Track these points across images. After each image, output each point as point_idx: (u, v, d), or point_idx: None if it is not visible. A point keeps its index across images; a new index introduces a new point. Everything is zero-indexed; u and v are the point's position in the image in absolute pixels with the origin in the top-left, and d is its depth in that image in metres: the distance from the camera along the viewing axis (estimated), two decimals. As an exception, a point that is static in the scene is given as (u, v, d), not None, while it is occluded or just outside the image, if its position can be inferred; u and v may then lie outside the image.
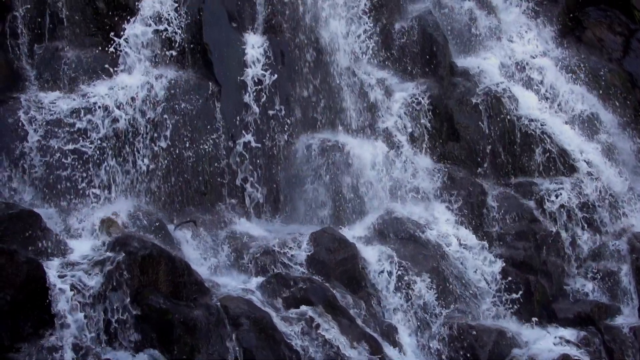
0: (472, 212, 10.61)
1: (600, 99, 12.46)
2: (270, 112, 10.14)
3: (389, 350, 8.51)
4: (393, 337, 8.72)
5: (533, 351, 9.14)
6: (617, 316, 10.13)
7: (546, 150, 11.45)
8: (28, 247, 7.41)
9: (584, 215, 11.04)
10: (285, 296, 8.33)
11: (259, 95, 10.08)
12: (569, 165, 11.44)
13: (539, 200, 11.04)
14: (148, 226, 8.67)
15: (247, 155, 9.90)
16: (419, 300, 9.16)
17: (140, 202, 9.15)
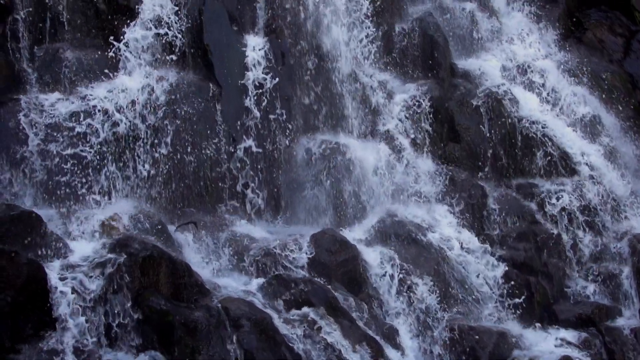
0: (473, 214, 10.60)
1: (602, 102, 12.45)
2: (271, 116, 10.12)
3: (390, 352, 8.49)
4: (394, 339, 8.70)
5: (534, 353, 9.13)
6: (618, 318, 10.12)
7: (547, 154, 11.43)
8: (29, 248, 7.40)
9: (585, 219, 11.03)
10: (286, 298, 8.31)
11: (260, 99, 10.07)
12: (571, 169, 11.42)
13: (540, 203, 11.04)
14: (150, 229, 8.66)
15: (247, 160, 9.88)
16: (421, 304, 9.14)
17: (141, 204, 9.16)
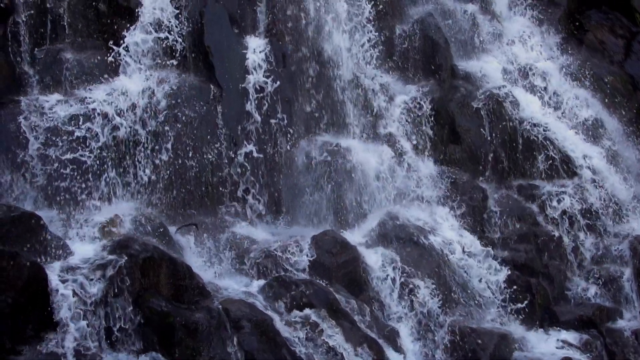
0: (474, 215, 10.59)
1: (604, 105, 12.43)
2: (272, 120, 10.10)
3: (392, 354, 8.48)
4: (396, 342, 8.69)
5: (535, 355, 9.13)
6: (619, 319, 10.12)
7: (549, 157, 11.42)
8: (30, 249, 7.39)
9: (586, 222, 11.03)
10: (286, 299, 8.30)
11: (261, 103, 10.06)
12: (573, 172, 11.41)
13: (541, 205, 11.02)
14: (152, 232, 8.65)
15: (248, 166, 9.86)
16: (423, 307, 9.13)
17: (142, 206, 9.16)
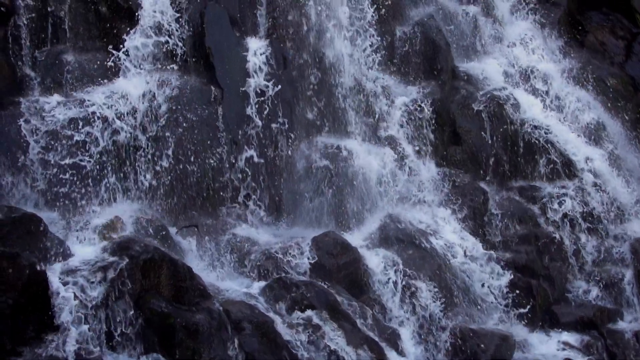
0: (475, 217, 10.59)
1: (606, 109, 12.43)
2: (273, 125, 10.11)
3: (393, 356, 8.49)
4: (397, 344, 8.68)
5: (536, 356, 9.14)
6: (620, 321, 10.12)
7: (550, 161, 11.42)
8: (30, 250, 7.40)
9: (588, 226, 11.02)
10: (287, 301, 8.31)
11: (262, 107, 10.06)
12: (574, 176, 11.40)
13: (542, 207, 11.02)
14: (153, 235, 8.65)
15: (249, 171, 9.85)
16: (424, 311, 9.11)
17: (143, 207, 9.16)
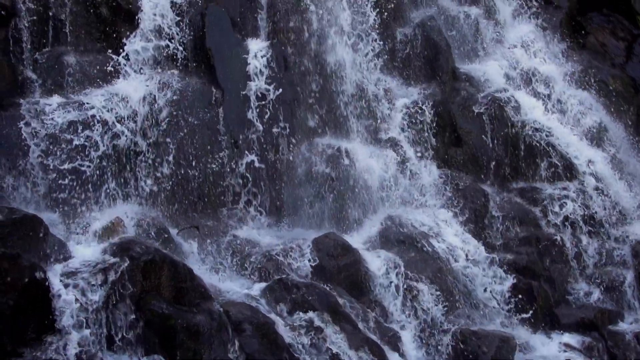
0: (476, 219, 10.58)
1: (608, 111, 12.43)
2: (275, 130, 10.12)
3: (394, 357, 8.48)
4: (397, 346, 8.67)
5: (537, 357, 9.13)
6: (620, 322, 10.11)
7: (552, 165, 11.41)
8: (31, 252, 7.39)
9: (589, 229, 11.02)
10: (288, 302, 8.31)
11: (262, 111, 10.05)
12: (576, 179, 11.40)
13: (543, 210, 11.02)
14: (155, 237, 8.65)
15: (250, 177, 9.85)
16: (426, 315, 9.09)
17: (145, 209, 9.17)
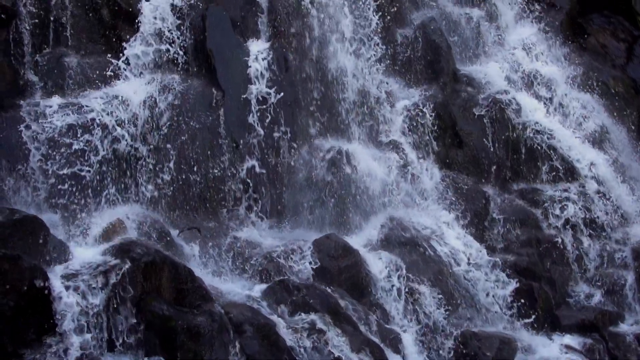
0: (477, 220, 10.58)
1: (609, 114, 12.42)
2: (275, 134, 10.11)
3: (394, 359, 8.48)
4: (398, 347, 8.66)
5: (537, 359, 9.13)
6: (621, 323, 10.11)
7: (553, 168, 11.41)
8: (31, 253, 7.39)
9: (590, 232, 11.01)
10: (289, 303, 8.30)
11: (263, 115, 10.05)
12: (577, 182, 11.39)
13: (544, 211, 11.01)
14: (157, 240, 8.64)
15: (250, 182, 9.84)
16: (428, 318, 9.08)
17: (146, 210, 9.17)
